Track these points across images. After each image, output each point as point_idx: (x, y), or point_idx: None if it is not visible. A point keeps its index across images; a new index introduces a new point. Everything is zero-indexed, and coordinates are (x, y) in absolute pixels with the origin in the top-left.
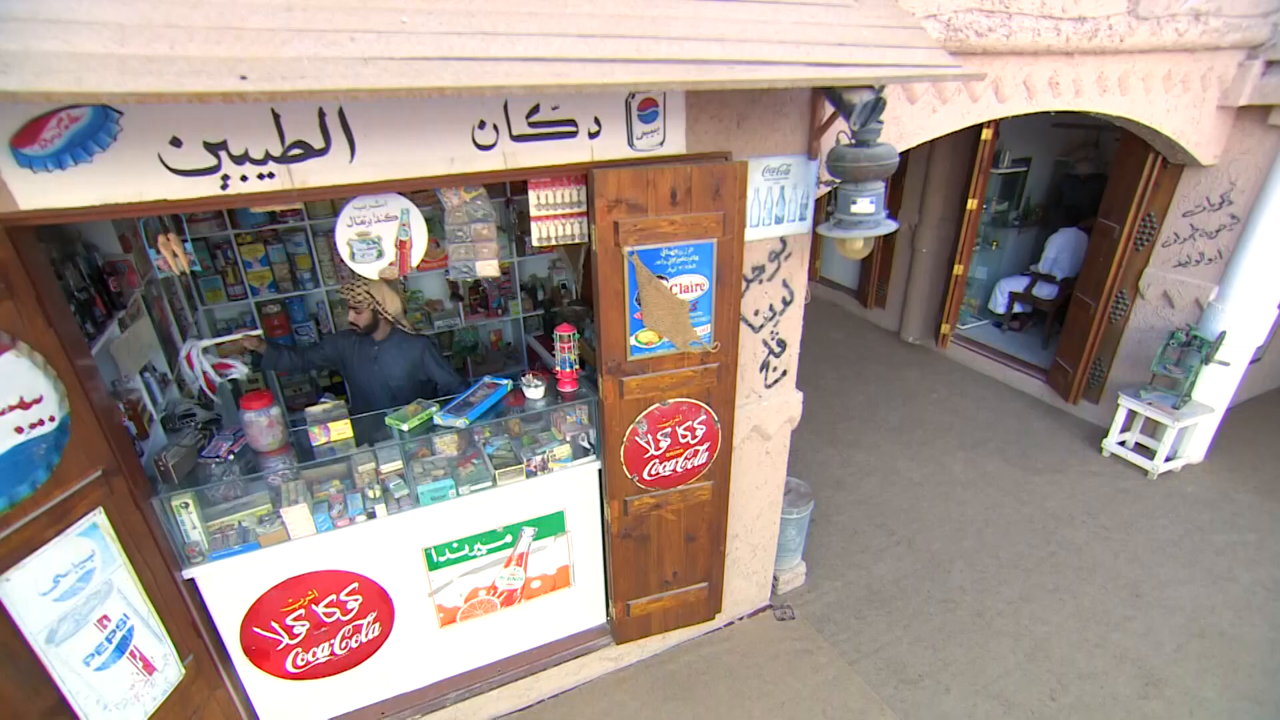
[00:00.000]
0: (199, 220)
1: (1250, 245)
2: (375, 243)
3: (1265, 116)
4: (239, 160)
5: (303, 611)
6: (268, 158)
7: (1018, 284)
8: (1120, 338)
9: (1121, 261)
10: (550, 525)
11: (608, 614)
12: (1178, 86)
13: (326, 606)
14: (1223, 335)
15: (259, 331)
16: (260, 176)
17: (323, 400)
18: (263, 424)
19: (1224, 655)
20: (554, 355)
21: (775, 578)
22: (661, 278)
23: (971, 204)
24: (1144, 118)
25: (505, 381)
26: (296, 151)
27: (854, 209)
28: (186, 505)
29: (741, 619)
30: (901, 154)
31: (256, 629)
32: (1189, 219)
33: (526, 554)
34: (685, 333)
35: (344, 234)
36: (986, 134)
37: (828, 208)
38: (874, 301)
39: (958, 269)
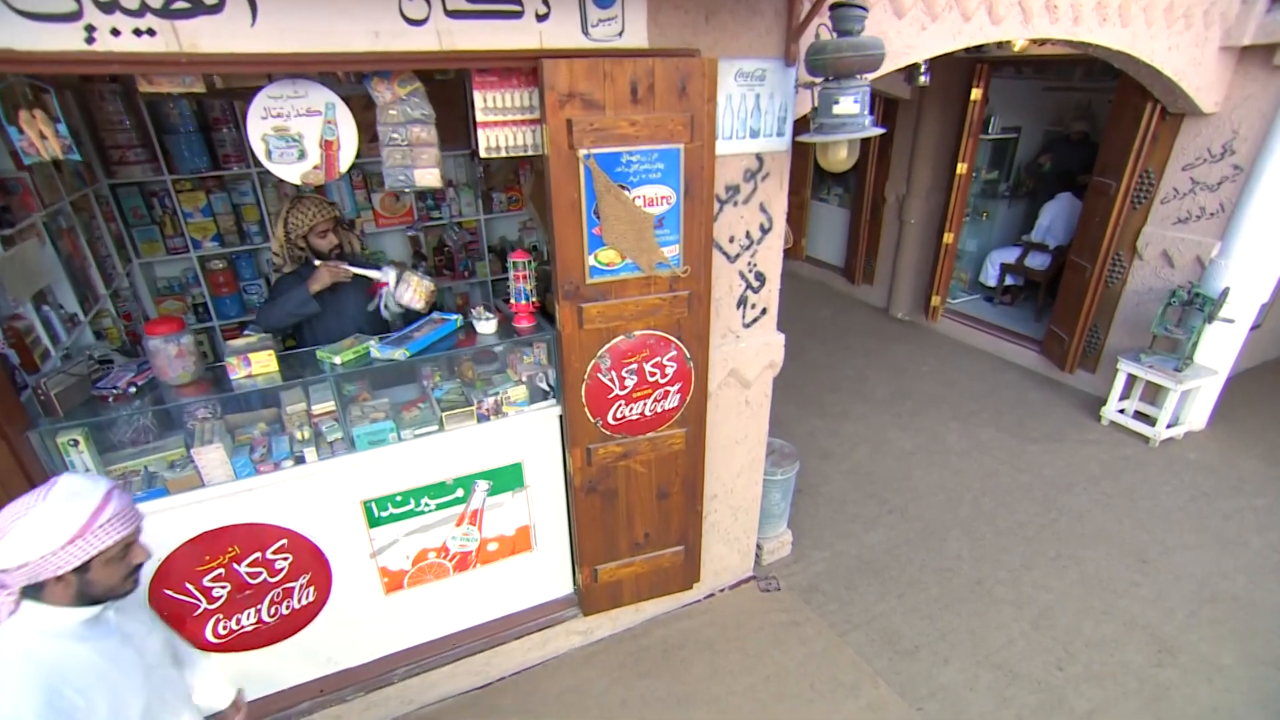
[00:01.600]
0: (130, 163)
1: (1254, 196)
2: (296, 140)
3: (1270, 57)
4: (107, 8)
5: (222, 571)
6: (144, 8)
7: (1009, 255)
8: (1117, 302)
9: (1118, 221)
10: (507, 479)
11: (574, 583)
12: (1180, 21)
13: (250, 566)
14: (1226, 291)
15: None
16: (137, 33)
17: (247, 333)
18: (170, 353)
19: (1239, 621)
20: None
21: (759, 546)
22: (623, 188)
23: (961, 168)
24: (1144, 54)
25: (454, 316)
26: (182, 4)
27: (836, 110)
28: (76, 443)
29: (722, 590)
30: (887, 116)
31: (168, 591)
32: (1189, 172)
33: (480, 511)
34: (651, 252)
35: (257, 127)
36: (976, 94)
37: (810, 115)
38: (862, 278)
39: (947, 237)
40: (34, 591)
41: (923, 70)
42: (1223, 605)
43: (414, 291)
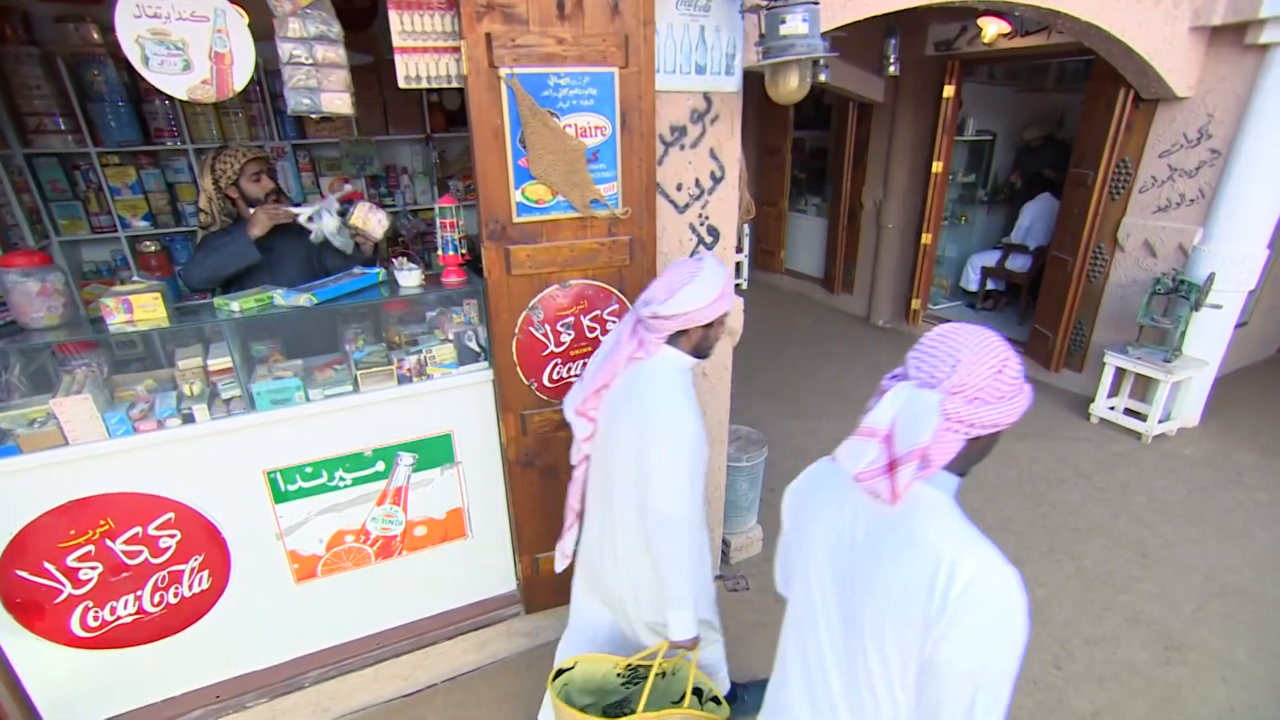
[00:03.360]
0: (48, 132)
1: (1233, 177)
2: (179, 49)
3: (1241, 36)
4: None
5: (92, 549)
6: None
7: (990, 258)
8: (1101, 296)
9: (1097, 212)
10: (434, 452)
11: (517, 578)
12: None
13: (128, 543)
14: (1212, 276)
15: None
16: None
17: (136, 279)
18: (30, 290)
19: (1251, 615)
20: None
21: (726, 543)
22: (552, 114)
23: (937, 167)
24: (1114, 28)
25: (376, 270)
26: None
27: (784, 30)
28: None
29: None
30: (862, 121)
31: (21, 571)
32: (1166, 159)
33: (405, 489)
34: (584, 188)
35: (129, 26)
36: (949, 91)
37: (757, 44)
38: (841, 287)
39: (925, 238)
40: (673, 339)
41: (891, 60)
42: (1232, 599)
43: (364, 215)
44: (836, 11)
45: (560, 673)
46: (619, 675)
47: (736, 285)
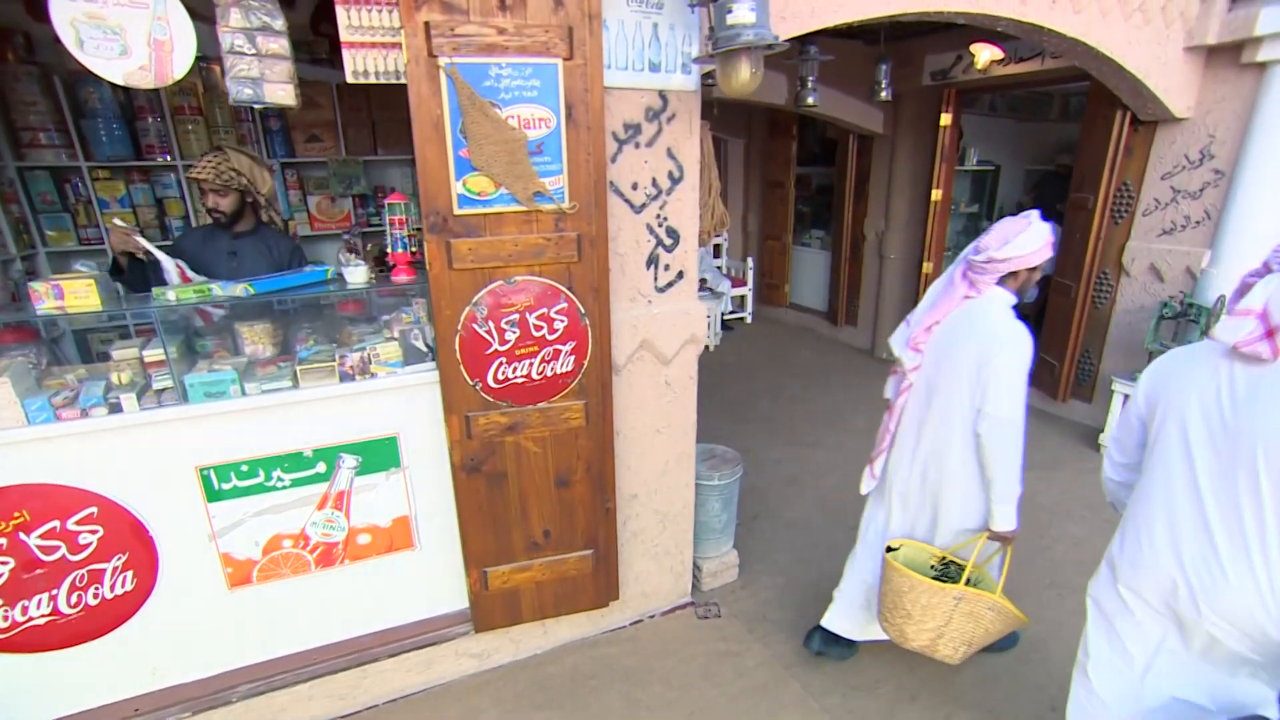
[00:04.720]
0: (41, 146)
1: (1239, 198)
2: (116, 33)
3: (1238, 55)
4: None
5: (4, 542)
6: None
7: None
8: (1108, 324)
9: (1099, 236)
10: (379, 455)
11: (470, 595)
12: (1136, 15)
13: (43, 538)
14: (1222, 299)
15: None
16: None
17: (79, 267)
18: None
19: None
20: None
21: (698, 567)
22: (494, 105)
23: (936, 195)
24: (1102, 44)
25: (326, 266)
26: None
27: (731, 19)
28: None
29: (653, 616)
30: (863, 153)
31: None
32: (1168, 181)
33: (347, 493)
34: (527, 180)
35: (63, 9)
36: (946, 119)
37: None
38: (845, 319)
39: (927, 267)
40: (1001, 280)
41: (883, 85)
42: None
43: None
44: (804, 19)
45: (890, 550)
46: (933, 567)
47: (739, 319)
